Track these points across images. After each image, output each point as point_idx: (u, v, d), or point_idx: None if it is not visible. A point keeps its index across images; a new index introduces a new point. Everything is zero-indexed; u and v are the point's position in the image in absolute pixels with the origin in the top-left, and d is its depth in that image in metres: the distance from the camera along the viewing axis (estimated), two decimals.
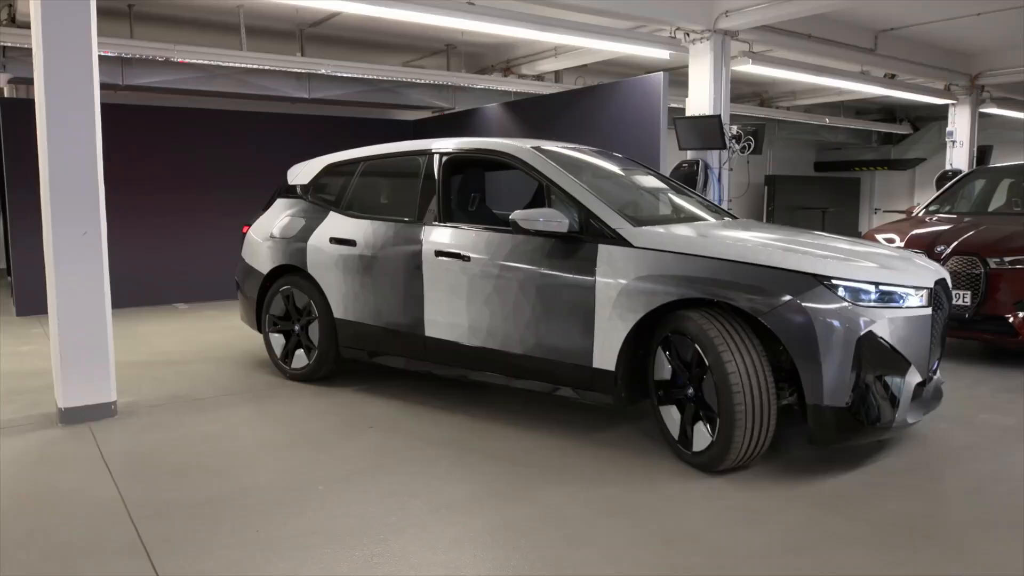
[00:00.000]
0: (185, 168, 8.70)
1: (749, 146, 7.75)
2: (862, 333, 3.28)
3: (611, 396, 3.78)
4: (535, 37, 7.98)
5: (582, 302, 3.80)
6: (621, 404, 3.81)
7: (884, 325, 3.35)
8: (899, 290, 3.46)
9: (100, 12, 4.32)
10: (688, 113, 7.86)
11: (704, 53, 7.71)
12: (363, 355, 4.89)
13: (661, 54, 8.52)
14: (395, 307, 4.61)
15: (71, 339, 4.21)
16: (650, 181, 4.90)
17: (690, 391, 3.53)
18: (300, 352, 5.19)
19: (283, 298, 5.23)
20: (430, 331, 4.46)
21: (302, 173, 5.52)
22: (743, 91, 13.51)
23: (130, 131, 8.21)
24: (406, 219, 4.66)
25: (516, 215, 3.99)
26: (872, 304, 3.36)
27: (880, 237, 6.24)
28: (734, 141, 7.74)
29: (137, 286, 8.23)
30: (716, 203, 7.67)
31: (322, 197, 5.28)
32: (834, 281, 3.33)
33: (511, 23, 7.28)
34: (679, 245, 3.63)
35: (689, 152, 7.88)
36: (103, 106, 4.28)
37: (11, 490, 3.33)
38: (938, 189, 8.17)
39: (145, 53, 8.04)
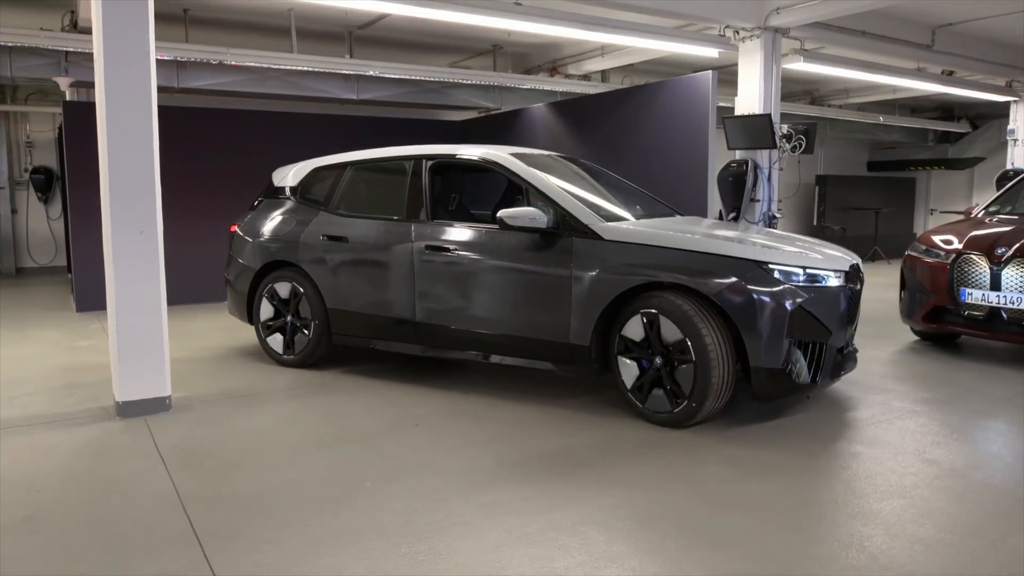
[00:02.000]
0: (236, 168, 8.87)
1: (800, 145, 7.59)
2: (793, 307, 3.95)
3: (585, 368, 4.36)
4: (582, 37, 7.96)
5: (560, 287, 4.37)
6: (594, 375, 4.40)
7: (810, 301, 4.03)
8: (822, 272, 4.14)
9: (156, 17, 4.44)
10: (737, 112, 7.75)
11: (754, 51, 7.59)
12: (355, 341, 5.29)
13: (710, 52, 8.42)
14: (388, 296, 5.05)
15: (128, 335, 4.33)
16: (615, 183, 5.42)
17: (658, 360, 4.09)
18: (292, 340, 5.53)
19: (276, 291, 5.56)
20: (421, 316, 4.93)
21: (288, 176, 5.89)
22: (793, 89, 13.27)
23: (184, 133, 8.39)
24: (395, 217, 5.11)
25: (502, 213, 4.48)
26: (801, 284, 4.03)
27: (937, 239, 6.06)
28: (785, 140, 7.60)
29: (190, 284, 8.43)
30: (767, 206, 7.56)
31: (311, 198, 5.67)
32: (770, 265, 4.00)
33: (558, 23, 7.26)
34: (643, 238, 4.24)
35: (738, 152, 7.76)
36: (159, 108, 4.40)
37: (71, 481, 3.44)
38: (998, 189, 7.91)
39: (199, 57, 8.25)
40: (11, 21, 8.08)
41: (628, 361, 4.22)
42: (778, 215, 7.68)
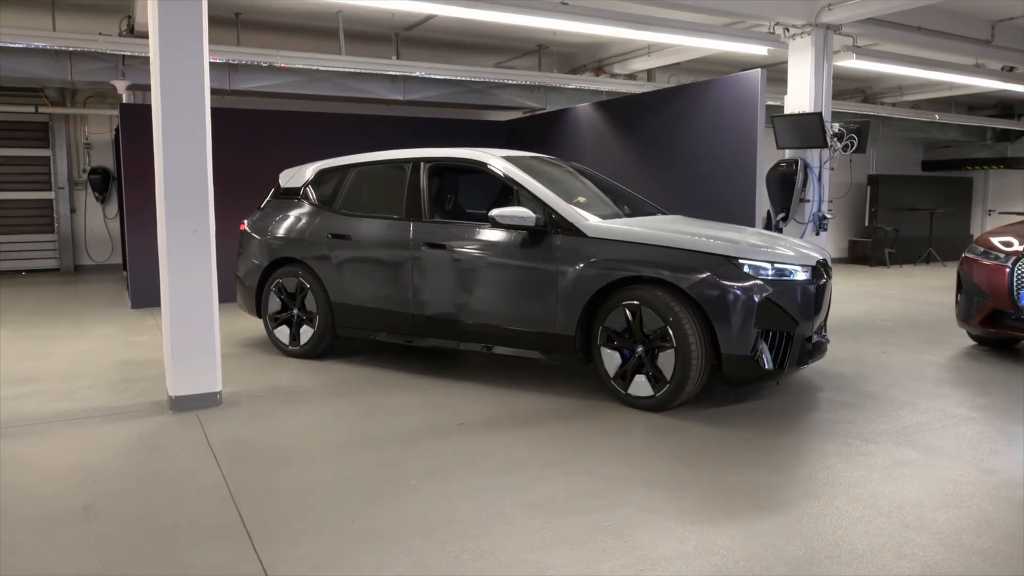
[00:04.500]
0: (282, 168, 9.00)
1: (852, 144, 7.42)
2: (761, 299, 4.21)
3: (570, 357, 4.66)
4: (630, 36, 7.89)
5: (547, 281, 4.67)
6: (578, 363, 4.70)
7: (778, 293, 4.28)
8: (789, 267, 4.39)
9: (210, 20, 4.53)
10: (787, 111, 7.60)
11: (805, 48, 7.44)
12: (358, 333, 5.58)
13: (759, 50, 8.28)
14: (388, 291, 5.35)
15: (181, 331, 4.44)
16: (603, 183, 5.73)
17: (640, 349, 4.37)
18: (298, 332, 5.82)
19: (283, 286, 5.86)
20: (420, 309, 5.23)
21: (295, 177, 6.18)
22: (845, 87, 12.99)
23: (236, 134, 8.55)
24: (396, 216, 5.40)
25: (494, 213, 4.78)
26: (769, 277, 4.29)
27: (996, 240, 5.87)
28: (836, 139, 7.43)
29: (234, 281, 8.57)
30: (817, 206, 7.42)
31: (316, 198, 5.97)
32: (740, 260, 4.28)
33: (605, 23, 7.22)
34: (624, 235, 4.52)
35: (787, 151, 7.62)
36: (211, 110, 4.49)
37: (126, 473, 3.54)
38: None
39: (250, 59, 8.41)
40: (71, 26, 8.35)
41: (610, 351, 4.52)
42: (828, 216, 7.52)
